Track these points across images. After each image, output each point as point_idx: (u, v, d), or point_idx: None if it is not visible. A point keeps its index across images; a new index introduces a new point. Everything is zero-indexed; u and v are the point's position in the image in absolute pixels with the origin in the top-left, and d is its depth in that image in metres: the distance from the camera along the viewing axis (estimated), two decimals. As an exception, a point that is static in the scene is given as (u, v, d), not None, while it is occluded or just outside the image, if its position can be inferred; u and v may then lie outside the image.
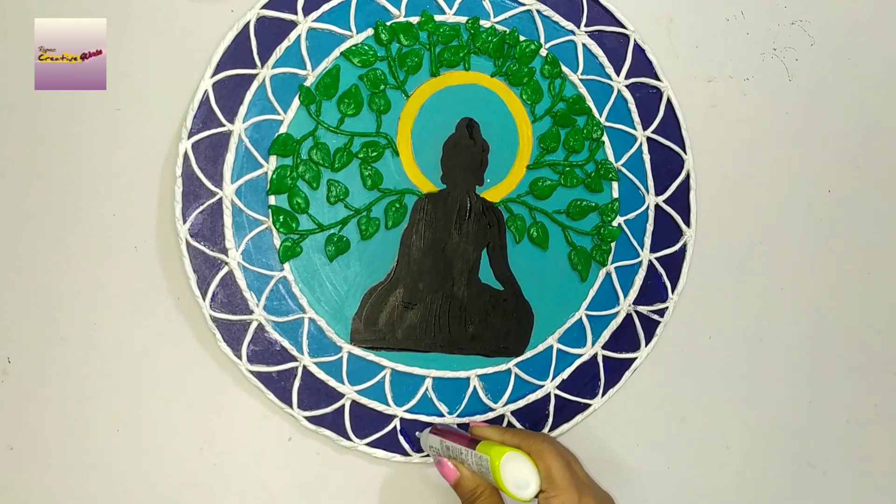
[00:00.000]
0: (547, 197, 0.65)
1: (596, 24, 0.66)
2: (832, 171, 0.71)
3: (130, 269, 0.60)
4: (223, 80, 0.60)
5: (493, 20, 0.65)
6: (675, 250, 0.68)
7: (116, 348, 0.60)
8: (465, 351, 0.64)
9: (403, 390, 0.63)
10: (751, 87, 0.70)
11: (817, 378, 0.70)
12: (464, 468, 0.57)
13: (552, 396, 0.65)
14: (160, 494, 0.61)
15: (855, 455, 0.71)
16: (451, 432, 0.60)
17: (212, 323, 0.60)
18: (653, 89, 0.67)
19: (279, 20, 0.61)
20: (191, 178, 0.60)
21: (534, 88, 0.65)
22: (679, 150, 0.67)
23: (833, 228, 0.71)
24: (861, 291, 0.71)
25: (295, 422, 0.61)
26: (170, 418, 0.61)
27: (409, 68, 0.63)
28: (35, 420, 0.59)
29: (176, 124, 0.60)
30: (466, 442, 0.57)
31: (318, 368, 0.61)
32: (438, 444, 0.59)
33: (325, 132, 0.62)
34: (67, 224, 0.59)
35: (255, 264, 0.61)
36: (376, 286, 0.62)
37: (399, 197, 0.63)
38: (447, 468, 0.57)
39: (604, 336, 0.66)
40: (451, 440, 0.58)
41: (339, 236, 0.62)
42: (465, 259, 0.64)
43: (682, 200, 0.68)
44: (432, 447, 0.60)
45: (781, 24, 0.70)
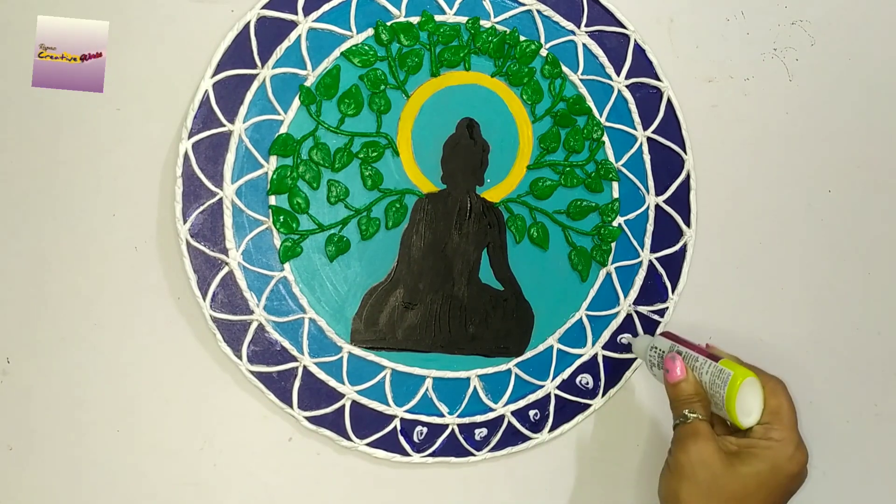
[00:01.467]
0: (547, 197, 0.65)
1: (596, 25, 0.66)
2: (832, 171, 0.71)
3: (130, 269, 0.60)
4: (223, 81, 0.60)
5: (493, 20, 0.65)
6: (675, 250, 0.68)
7: (116, 348, 0.60)
8: (466, 351, 0.64)
9: (404, 390, 0.63)
10: (751, 88, 0.69)
11: (817, 378, 0.70)
12: (690, 373, 0.57)
13: (552, 396, 0.65)
14: (160, 494, 0.61)
15: (855, 455, 0.71)
16: (686, 341, 0.60)
17: (212, 323, 0.60)
18: (653, 89, 0.67)
19: (279, 20, 0.61)
20: (191, 178, 0.60)
21: (534, 88, 0.65)
22: (679, 151, 0.67)
23: (833, 228, 0.71)
24: (861, 291, 0.71)
25: (295, 422, 0.61)
26: (170, 418, 0.61)
27: (410, 68, 0.63)
28: (35, 420, 0.59)
29: (176, 124, 0.60)
30: (704, 354, 0.58)
31: (319, 369, 0.61)
32: (668, 347, 0.59)
33: (325, 132, 0.62)
34: (67, 224, 0.59)
35: (256, 264, 0.61)
36: (376, 286, 0.62)
37: (399, 197, 0.63)
38: (679, 364, 0.57)
39: (604, 336, 0.66)
40: (686, 347, 0.59)
41: (340, 236, 0.62)
42: (465, 259, 0.64)
43: (683, 200, 0.68)
44: (655, 349, 0.60)
45: (782, 24, 0.70)
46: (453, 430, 0.64)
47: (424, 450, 0.63)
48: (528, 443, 0.65)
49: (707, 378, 0.57)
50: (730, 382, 0.55)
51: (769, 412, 0.55)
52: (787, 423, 0.54)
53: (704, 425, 0.55)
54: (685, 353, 0.58)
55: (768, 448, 0.54)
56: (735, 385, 0.54)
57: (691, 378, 0.57)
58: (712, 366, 0.57)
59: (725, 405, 0.55)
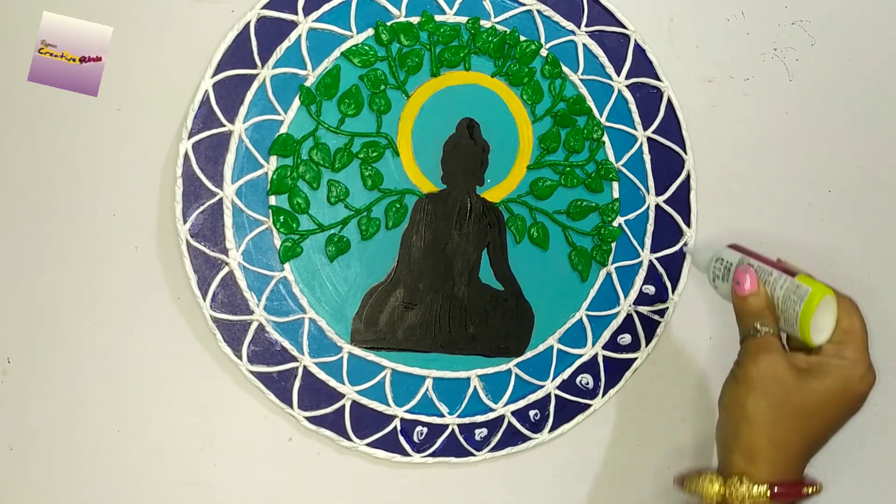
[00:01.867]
0: (547, 197, 0.65)
1: (596, 25, 0.66)
2: (832, 171, 0.71)
3: (130, 269, 0.60)
4: (223, 81, 0.60)
5: (493, 20, 0.65)
6: (676, 250, 0.68)
7: (117, 348, 0.60)
8: (466, 351, 0.64)
9: (404, 390, 0.63)
10: (751, 88, 0.69)
11: (817, 378, 0.70)
12: (762, 287, 0.56)
13: (552, 397, 0.65)
14: (160, 494, 0.61)
15: (855, 455, 0.71)
16: (756, 254, 0.58)
17: (212, 323, 0.60)
18: (653, 89, 0.67)
19: (279, 20, 0.61)
20: (191, 178, 0.60)
21: (534, 88, 0.65)
22: (679, 150, 0.67)
23: (833, 228, 0.71)
24: (861, 291, 0.71)
25: (295, 422, 0.61)
26: (170, 418, 0.61)
27: (410, 68, 0.63)
28: (35, 420, 0.59)
29: (176, 124, 0.60)
30: (778, 268, 0.56)
31: (319, 369, 0.62)
32: (738, 259, 0.57)
33: (325, 132, 0.62)
34: (67, 224, 0.59)
35: (256, 264, 0.61)
36: (377, 286, 0.62)
37: (399, 197, 0.63)
38: (752, 277, 0.55)
39: (604, 336, 0.66)
40: (756, 259, 0.57)
41: (340, 236, 0.62)
42: (465, 259, 0.64)
43: (683, 200, 0.68)
44: (721, 260, 0.58)
45: (782, 25, 0.70)
46: (453, 430, 0.64)
47: (424, 450, 0.63)
48: (528, 443, 0.65)
49: (781, 293, 0.55)
50: (808, 298, 0.53)
51: (842, 331, 0.54)
52: (859, 343, 0.54)
53: (776, 340, 0.54)
54: (757, 266, 0.57)
55: (840, 366, 0.53)
56: (813, 302, 0.53)
57: (763, 292, 0.55)
58: (788, 280, 0.55)
59: (799, 321, 0.53)
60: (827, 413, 0.53)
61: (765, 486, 0.52)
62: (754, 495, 0.52)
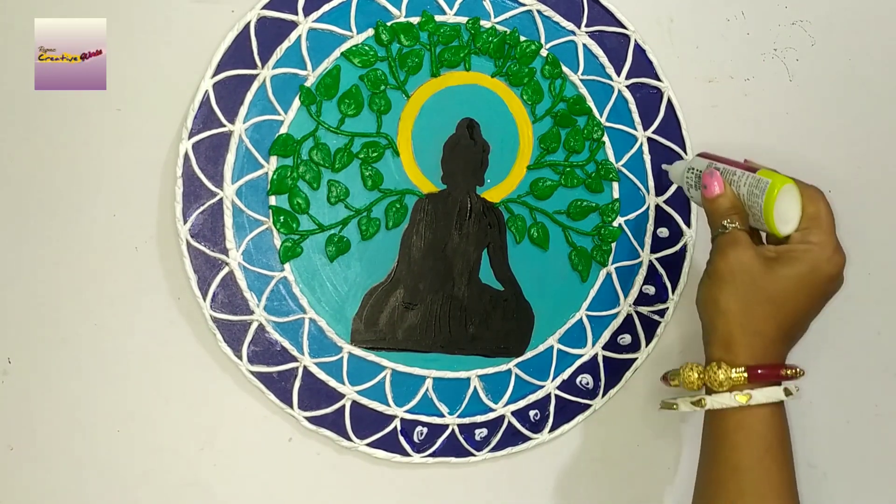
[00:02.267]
0: (547, 197, 0.65)
1: (596, 25, 0.66)
2: (832, 171, 0.71)
3: (131, 269, 0.60)
4: (224, 81, 0.60)
5: (493, 20, 0.65)
6: (676, 250, 0.68)
7: (117, 348, 0.60)
8: (466, 351, 0.64)
9: (404, 391, 0.63)
10: (751, 88, 0.69)
11: (817, 378, 0.70)
12: (728, 187, 0.56)
13: (552, 397, 0.65)
14: (160, 494, 0.61)
15: (855, 455, 0.71)
16: (723, 158, 0.59)
17: (212, 323, 0.60)
18: (653, 89, 0.67)
19: (279, 20, 0.61)
20: (191, 178, 0.60)
21: (534, 89, 0.65)
22: (679, 151, 0.68)
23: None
24: (861, 291, 0.71)
25: (295, 422, 0.61)
26: (170, 418, 0.61)
27: (410, 69, 0.63)
28: (35, 420, 0.59)
29: (176, 124, 0.60)
30: (742, 168, 0.57)
31: (319, 369, 0.62)
32: (705, 166, 0.58)
33: (325, 132, 0.62)
34: (67, 224, 0.59)
35: (256, 265, 0.61)
36: (377, 286, 0.63)
37: (399, 197, 0.63)
38: (718, 179, 0.56)
39: (604, 336, 0.67)
40: (723, 163, 0.58)
41: (340, 237, 0.62)
42: (465, 259, 0.64)
43: (683, 200, 0.68)
44: (692, 170, 0.59)
45: (782, 25, 0.70)
46: (453, 430, 0.64)
47: (425, 450, 0.63)
48: (528, 443, 0.65)
49: (745, 190, 0.56)
50: (768, 190, 0.54)
51: (807, 218, 0.54)
52: (825, 227, 0.54)
53: (743, 234, 0.55)
54: (723, 168, 0.57)
55: (807, 251, 0.54)
56: (773, 192, 0.54)
57: (729, 192, 0.56)
58: (749, 177, 0.55)
59: (763, 213, 0.54)
60: (798, 298, 0.54)
61: (742, 369, 0.53)
62: (733, 378, 0.53)
